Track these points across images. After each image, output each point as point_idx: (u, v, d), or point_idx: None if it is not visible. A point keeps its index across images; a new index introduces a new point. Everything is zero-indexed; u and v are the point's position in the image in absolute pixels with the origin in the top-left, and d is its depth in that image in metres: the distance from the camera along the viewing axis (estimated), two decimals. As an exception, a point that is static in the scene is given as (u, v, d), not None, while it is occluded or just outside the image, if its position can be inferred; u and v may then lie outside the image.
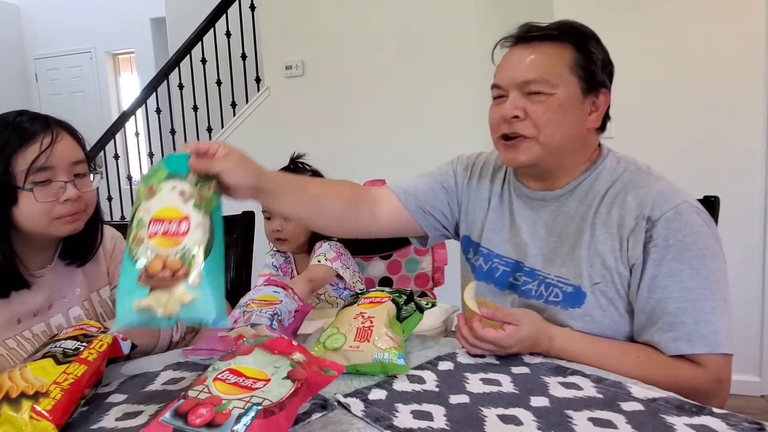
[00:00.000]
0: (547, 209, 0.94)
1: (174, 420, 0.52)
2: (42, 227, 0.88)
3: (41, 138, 0.86)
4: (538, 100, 0.86)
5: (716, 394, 0.80)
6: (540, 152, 0.88)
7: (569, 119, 0.87)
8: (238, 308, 0.90)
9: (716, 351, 0.79)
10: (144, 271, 0.62)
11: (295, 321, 0.91)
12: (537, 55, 0.88)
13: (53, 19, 5.94)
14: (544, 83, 0.86)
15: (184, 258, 0.62)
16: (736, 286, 0.83)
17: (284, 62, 3.07)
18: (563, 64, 0.87)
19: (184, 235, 0.64)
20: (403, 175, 1.14)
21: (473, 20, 2.69)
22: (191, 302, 0.60)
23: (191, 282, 0.61)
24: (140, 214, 0.67)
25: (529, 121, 0.87)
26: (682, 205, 0.83)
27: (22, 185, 0.84)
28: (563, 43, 0.88)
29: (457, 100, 2.75)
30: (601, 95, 0.89)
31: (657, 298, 0.82)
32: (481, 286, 1.00)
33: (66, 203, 0.88)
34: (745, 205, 2.00)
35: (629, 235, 0.84)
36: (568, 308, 0.88)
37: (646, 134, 2.06)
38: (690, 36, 2.00)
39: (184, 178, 0.70)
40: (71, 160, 0.90)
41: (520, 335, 0.80)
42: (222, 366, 0.60)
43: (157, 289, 0.61)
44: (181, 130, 3.79)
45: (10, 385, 0.64)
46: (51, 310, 0.95)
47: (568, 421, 0.62)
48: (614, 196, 0.88)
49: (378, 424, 0.62)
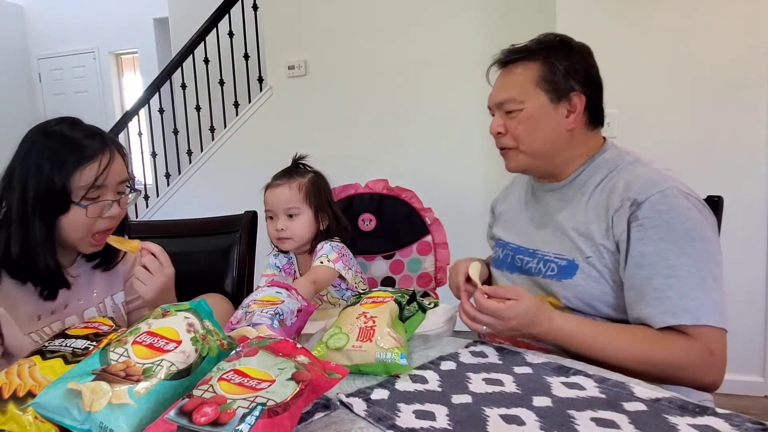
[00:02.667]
0: (552, 198, 1.05)
1: (178, 418, 0.52)
2: (77, 239, 0.92)
3: (100, 158, 0.90)
4: (512, 116, 1.00)
5: (709, 366, 0.82)
6: (525, 159, 1.02)
7: (543, 127, 0.99)
8: (241, 309, 0.91)
9: (700, 323, 0.82)
10: (107, 366, 0.61)
11: (298, 321, 0.91)
12: (507, 77, 1.02)
13: (57, 20, 5.95)
14: (513, 102, 0.99)
15: (148, 368, 0.61)
16: (740, 285, 0.84)
17: (287, 62, 3.07)
18: (529, 82, 0.98)
19: (165, 352, 0.63)
20: (405, 175, 1.15)
21: (476, 22, 2.69)
22: (119, 406, 0.57)
23: (137, 389, 0.58)
24: (140, 324, 0.68)
25: (510, 135, 1.01)
26: (669, 189, 0.88)
27: (78, 201, 0.88)
28: (530, 62, 0.99)
29: (458, 100, 2.75)
30: (573, 98, 0.98)
31: (644, 275, 0.86)
32: (496, 273, 1.14)
33: (106, 219, 0.92)
34: (748, 205, 1.99)
35: (614, 214, 0.91)
36: (562, 279, 0.96)
37: (650, 134, 2.06)
38: (693, 36, 2.00)
39: (200, 319, 0.71)
40: (119, 180, 0.94)
41: (520, 308, 0.84)
42: (227, 366, 0.60)
43: (102, 381, 0.59)
44: (184, 130, 3.80)
45: (19, 383, 0.65)
46: (67, 309, 0.97)
47: (571, 421, 0.62)
48: (607, 183, 0.96)
49: (380, 424, 0.62)
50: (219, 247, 1.41)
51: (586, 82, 0.98)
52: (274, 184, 1.29)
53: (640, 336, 0.85)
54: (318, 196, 1.30)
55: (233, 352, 0.65)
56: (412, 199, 1.65)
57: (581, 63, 0.98)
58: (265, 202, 1.29)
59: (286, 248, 1.31)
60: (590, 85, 0.99)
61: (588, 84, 0.98)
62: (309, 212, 1.28)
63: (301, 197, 1.27)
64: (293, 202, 1.26)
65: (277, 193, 1.28)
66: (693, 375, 0.80)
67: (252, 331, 0.81)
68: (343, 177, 1.37)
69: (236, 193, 3.31)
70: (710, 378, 0.82)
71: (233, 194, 3.31)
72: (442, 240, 1.64)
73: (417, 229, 1.64)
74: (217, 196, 3.35)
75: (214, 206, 2.33)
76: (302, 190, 1.27)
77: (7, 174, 0.89)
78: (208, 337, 0.69)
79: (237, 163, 3.34)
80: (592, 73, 1.00)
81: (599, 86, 1.01)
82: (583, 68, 0.98)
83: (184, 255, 1.36)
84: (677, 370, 0.80)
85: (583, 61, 0.99)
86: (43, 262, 0.88)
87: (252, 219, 1.43)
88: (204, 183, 3.50)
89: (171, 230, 1.43)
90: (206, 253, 1.42)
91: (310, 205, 1.28)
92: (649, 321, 0.85)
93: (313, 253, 1.29)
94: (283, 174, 1.31)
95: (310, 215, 1.28)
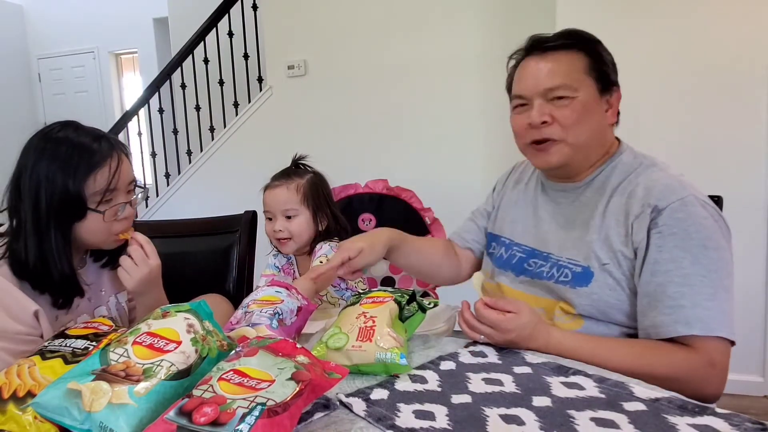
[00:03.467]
0: (567, 200, 1.01)
1: (178, 418, 0.52)
2: (98, 242, 0.94)
3: (109, 162, 0.90)
4: (563, 104, 0.93)
5: (710, 378, 0.81)
6: (569, 152, 0.95)
7: (592, 118, 0.94)
8: (241, 309, 0.91)
9: (712, 334, 0.81)
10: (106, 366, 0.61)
11: (298, 320, 0.91)
12: (554, 63, 0.94)
13: (57, 19, 5.95)
14: (567, 88, 0.92)
15: (147, 369, 0.61)
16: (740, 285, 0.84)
17: (287, 62, 3.07)
18: (579, 69, 0.94)
19: (165, 353, 0.64)
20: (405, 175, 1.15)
21: (476, 22, 2.69)
22: (119, 406, 0.57)
23: (137, 389, 0.58)
24: (140, 325, 0.68)
25: (557, 125, 0.93)
26: (688, 197, 0.87)
27: (95, 207, 0.89)
28: (574, 51, 0.95)
29: (458, 100, 2.75)
30: (614, 93, 0.97)
31: (658, 282, 0.85)
32: (499, 273, 1.09)
33: (122, 220, 0.94)
34: (748, 205, 1.99)
35: (634, 221, 0.89)
36: (576, 287, 0.93)
37: (650, 133, 2.06)
38: (693, 35, 2.00)
39: (200, 319, 0.71)
40: (129, 181, 0.95)
41: (519, 322, 0.84)
42: (226, 366, 0.60)
43: (102, 380, 0.59)
44: (183, 130, 3.80)
45: (19, 383, 0.65)
46: (79, 308, 0.98)
47: (571, 421, 0.62)
48: (626, 187, 0.93)
49: (380, 424, 0.62)
50: (219, 247, 1.41)
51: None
52: (272, 185, 1.30)
53: (640, 351, 0.84)
54: (316, 197, 1.30)
55: (233, 352, 0.65)
56: (411, 199, 1.65)
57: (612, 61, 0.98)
58: (264, 203, 1.29)
59: (286, 251, 1.31)
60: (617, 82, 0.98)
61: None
62: (307, 213, 1.28)
63: (299, 198, 1.27)
64: (291, 203, 1.26)
65: (275, 194, 1.28)
66: (693, 387, 0.79)
67: (251, 331, 0.82)
68: (343, 177, 1.38)
69: (236, 193, 3.31)
70: (710, 390, 0.82)
71: (233, 194, 3.31)
72: (442, 240, 1.63)
73: (417, 229, 1.64)
74: (216, 196, 3.35)
75: (213, 206, 2.33)
76: (300, 192, 1.27)
77: (14, 183, 0.89)
78: (208, 338, 0.69)
79: (237, 163, 3.34)
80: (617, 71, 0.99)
81: None
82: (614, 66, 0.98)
83: (184, 255, 1.37)
84: (678, 383, 0.77)
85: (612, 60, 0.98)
86: (59, 271, 0.88)
87: (252, 219, 1.43)
88: (204, 183, 3.50)
89: (171, 230, 1.43)
90: (206, 253, 1.42)
91: (308, 207, 1.28)
92: (661, 329, 0.84)
93: (312, 254, 1.29)
94: (282, 175, 1.32)
95: (308, 216, 1.28)
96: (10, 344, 0.84)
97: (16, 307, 0.86)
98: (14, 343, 0.84)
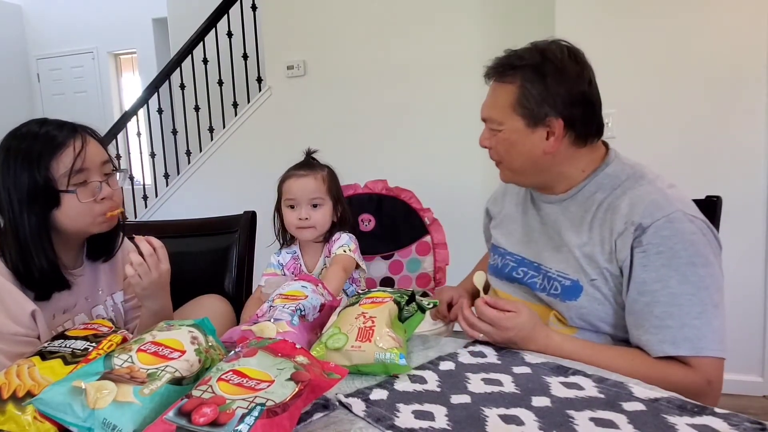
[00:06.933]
0: (553, 211, 1.02)
1: (177, 418, 0.52)
2: (84, 226, 0.94)
3: (72, 143, 0.91)
4: (493, 134, 0.99)
5: (706, 395, 0.82)
6: (510, 174, 1.02)
7: (520, 149, 0.96)
8: (267, 303, 0.92)
9: (699, 354, 0.81)
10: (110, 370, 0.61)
11: (320, 316, 0.92)
12: (490, 94, 0.99)
13: (56, 20, 5.95)
14: (493, 122, 0.98)
15: (152, 373, 0.61)
16: (738, 286, 0.85)
17: (286, 62, 3.07)
18: (506, 104, 0.95)
19: (169, 360, 0.64)
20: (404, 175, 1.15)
21: (476, 22, 2.69)
22: (125, 404, 0.57)
23: (142, 389, 0.59)
24: (145, 335, 0.69)
25: (494, 150, 1.01)
26: (674, 213, 0.85)
27: (65, 188, 0.89)
28: (509, 84, 0.95)
29: (457, 100, 2.75)
30: (550, 122, 0.93)
31: (645, 301, 0.85)
32: (494, 280, 1.11)
33: (103, 201, 0.94)
34: (747, 205, 1.99)
35: (617, 238, 0.89)
36: (566, 300, 0.94)
37: (648, 134, 2.06)
38: (692, 36, 2.00)
39: (204, 334, 0.72)
40: (101, 161, 0.95)
41: (518, 320, 0.85)
42: (226, 367, 0.60)
43: (107, 380, 0.60)
44: (182, 130, 3.79)
45: (18, 383, 0.65)
46: (76, 308, 0.99)
47: (570, 421, 0.62)
48: (611, 202, 0.93)
49: (379, 424, 0.62)
50: (218, 247, 1.41)
51: (568, 104, 0.91)
52: (297, 174, 1.30)
53: (638, 362, 0.84)
54: (336, 189, 1.33)
55: (232, 353, 0.65)
56: (411, 199, 1.65)
57: (562, 84, 0.91)
58: (288, 191, 1.29)
59: (305, 237, 1.31)
60: (576, 104, 0.92)
61: (572, 104, 0.92)
62: (329, 203, 1.30)
63: (325, 188, 1.29)
64: (318, 192, 1.28)
65: (304, 182, 1.28)
66: None
67: (272, 327, 0.83)
68: (343, 177, 1.38)
69: (235, 193, 3.32)
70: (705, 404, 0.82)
71: (232, 194, 3.32)
72: (441, 240, 1.64)
73: (416, 229, 1.64)
74: (216, 196, 3.35)
75: (213, 206, 2.32)
76: (325, 182, 1.30)
77: None
78: (210, 351, 0.70)
79: (236, 164, 3.34)
80: (578, 91, 0.92)
81: (590, 102, 0.94)
82: (564, 90, 0.91)
83: (183, 255, 1.37)
84: None
85: (565, 82, 0.91)
86: (37, 264, 0.89)
87: (251, 219, 1.43)
88: (203, 183, 3.50)
89: (170, 230, 1.43)
90: (205, 253, 1.42)
91: (331, 197, 1.30)
92: (648, 348, 0.84)
93: (328, 243, 1.30)
94: (305, 165, 1.33)
95: (330, 206, 1.30)
96: (7, 346, 0.84)
97: (15, 307, 0.86)
98: (11, 344, 0.84)
